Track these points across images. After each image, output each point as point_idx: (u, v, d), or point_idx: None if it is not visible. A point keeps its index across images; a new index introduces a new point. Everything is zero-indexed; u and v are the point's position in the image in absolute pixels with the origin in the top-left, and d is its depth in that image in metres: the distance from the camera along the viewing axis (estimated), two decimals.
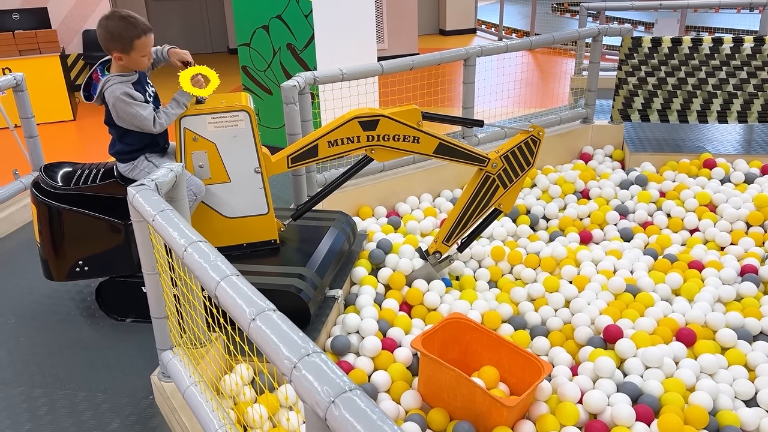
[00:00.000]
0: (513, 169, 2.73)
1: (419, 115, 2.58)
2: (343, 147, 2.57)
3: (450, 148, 2.64)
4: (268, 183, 2.59)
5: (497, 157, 2.69)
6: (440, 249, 2.91)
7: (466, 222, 2.81)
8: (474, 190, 2.75)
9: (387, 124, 2.54)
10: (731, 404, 2.28)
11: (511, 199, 2.82)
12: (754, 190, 3.71)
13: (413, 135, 2.58)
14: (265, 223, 2.63)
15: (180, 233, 1.59)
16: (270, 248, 2.67)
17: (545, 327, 2.76)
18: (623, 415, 2.13)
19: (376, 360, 2.45)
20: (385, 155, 2.63)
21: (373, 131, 2.55)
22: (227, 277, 1.38)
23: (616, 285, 2.89)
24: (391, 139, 2.57)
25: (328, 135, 2.54)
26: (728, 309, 2.80)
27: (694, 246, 3.34)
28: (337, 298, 2.68)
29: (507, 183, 2.75)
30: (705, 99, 4.25)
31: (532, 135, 2.71)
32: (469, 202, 2.76)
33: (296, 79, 3.11)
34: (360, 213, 3.63)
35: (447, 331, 2.37)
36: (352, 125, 2.53)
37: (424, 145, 2.61)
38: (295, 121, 3.12)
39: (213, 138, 2.48)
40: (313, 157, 2.58)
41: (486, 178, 2.73)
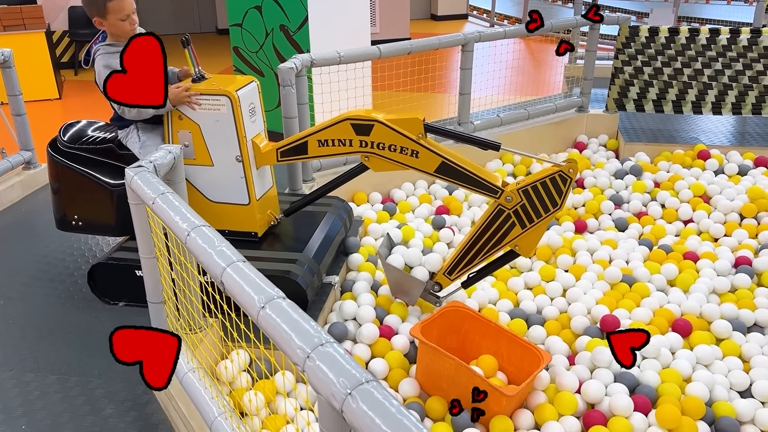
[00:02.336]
0: (534, 207, 2.23)
1: (421, 126, 2.24)
2: (334, 149, 2.39)
3: (455, 171, 2.26)
4: (252, 173, 2.48)
5: (515, 190, 2.22)
6: (441, 281, 2.50)
7: (473, 257, 2.38)
8: (484, 223, 2.31)
9: (382, 131, 2.27)
10: (726, 395, 2.29)
11: (532, 241, 2.31)
12: (748, 181, 3.72)
13: (412, 148, 2.27)
14: (246, 214, 2.54)
15: (182, 217, 1.55)
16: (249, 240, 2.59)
17: (541, 316, 2.75)
18: (621, 406, 2.13)
19: (374, 347, 2.43)
20: (380, 165, 2.36)
21: (366, 136, 2.32)
22: (234, 263, 1.34)
23: (612, 275, 2.89)
24: (387, 149, 2.30)
25: (318, 133, 2.39)
26: (723, 300, 2.81)
27: (688, 237, 3.35)
28: (334, 285, 2.65)
29: (526, 222, 2.26)
30: (700, 90, 4.26)
31: (561, 171, 2.15)
32: (478, 235, 2.33)
33: (293, 61, 3.05)
34: (355, 199, 3.60)
35: (446, 319, 2.35)
36: (343, 126, 2.34)
37: (424, 161, 2.27)
38: (291, 103, 3.07)
39: (197, 119, 2.42)
40: (302, 154, 2.45)
41: (499, 211, 2.27)
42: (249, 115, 2.46)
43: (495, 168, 4.00)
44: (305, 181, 3.35)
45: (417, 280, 2.50)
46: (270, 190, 2.66)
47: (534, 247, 2.32)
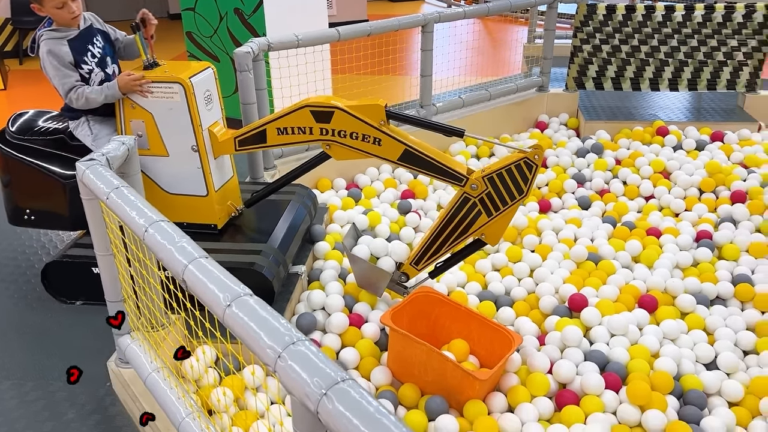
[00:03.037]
0: (500, 195, 2.17)
1: (382, 112, 2.18)
2: (294, 137, 2.32)
3: (419, 158, 2.21)
4: (209, 164, 2.39)
5: (480, 178, 2.16)
6: (408, 271, 2.41)
7: (439, 247, 2.32)
8: (450, 212, 2.25)
9: (342, 118, 2.21)
10: (693, 368, 2.33)
11: (498, 230, 2.26)
12: (706, 156, 3.78)
13: (374, 136, 2.21)
14: (205, 206, 2.46)
15: (139, 212, 1.48)
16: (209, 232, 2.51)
17: (510, 297, 2.75)
18: (592, 384, 2.14)
19: (344, 336, 2.39)
20: (342, 153, 2.30)
21: (326, 124, 2.24)
22: (196, 259, 1.28)
23: (578, 253, 2.91)
24: (348, 137, 2.24)
25: (277, 121, 2.30)
26: (686, 275, 2.85)
27: (650, 213, 3.39)
28: (301, 275, 2.59)
29: (492, 210, 2.20)
30: (657, 67, 4.30)
31: (527, 158, 2.10)
32: (444, 224, 2.27)
33: (249, 45, 2.96)
34: (319, 185, 3.53)
35: (415, 305, 2.32)
36: (303, 114, 2.25)
37: (386, 148, 2.21)
38: (249, 89, 2.98)
39: (150, 108, 2.33)
40: (261, 143, 2.37)
41: (465, 200, 2.21)
42: (204, 103, 2.37)
43: (458, 150, 3.97)
44: (266, 169, 3.27)
45: (383, 272, 2.44)
46: (230, 181, 2.58)
47: (500, 236, 2.28)
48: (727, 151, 3.82)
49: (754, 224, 3.13)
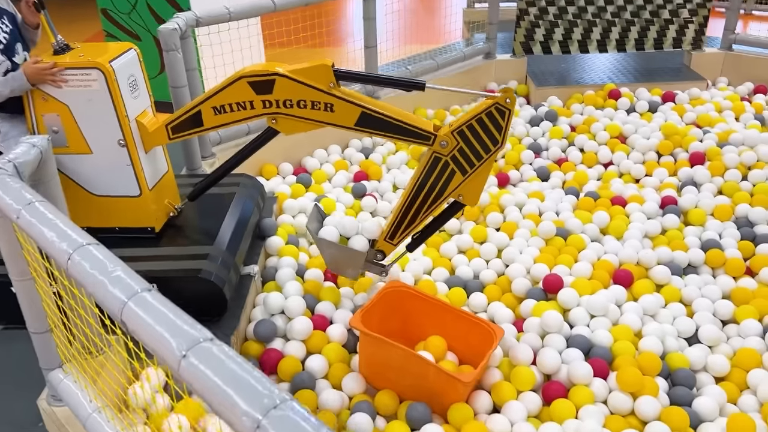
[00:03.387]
0: (473, 149, 1.95)
1: (330, 73, 1.92)
2: (234, 115, 2.04)
3: (379, 120, 1.96)
4: (140, 159, 2.10)
5: (449, 134, 1.93)
6: (383, 247, 2.19)
7: (414, 216, 2.09)
8: (421, 176, 2.02)
9: (286, 85, 1.95)
10: (677, 344, 2.23)
11: (476, 188, 2.05)
12: (660, 118, 3.70)
13: (324, 101, 1.96)
14: (138, 207, 2.17)
15: (60, 234, 1.20)
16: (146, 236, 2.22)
17: (479, 281, 2.59)
18: (580, 374, 2.01)
19: (308, 342, 2.17)
20: (291, 126, 2.04)
21: (268, 95, 1.97)
22: (137, 294, 1.02)
23: (546, 229, 2.76)
24: (295, 106, 1.98)
25: (211, 99, 2.02)
26: (655, 244, 2.76)
27: (610, 180, 3.29)
28: (254, 276, 2.34)
29: (466, 168, 1.98)
30: (604, 28, 4.18)
31: (498, 104, 1.88)
32: (416, 190, 2.04)
33: (175, 21, 2.63)
34: (263, 172, 3.25)
35: (386, 302, 2.12)
36: (240, 87, 1.97)
37: (340, 114, 1.97)
38: (178, 70, 2.67)
39: (65, 99, 2.01)
40: (197, 127, 2.09)
41: (435, 159, 1.99)
42: (130, 90, 2.06)
43: None
44: (204, 157, 2.97)
45: (356, 252, 2.18)
46: (165, 176, 2.28)
47: (479, 194, 2.06)
48: (679, 112, 3.75)
49: (716, 186, 3.07)
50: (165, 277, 2.03)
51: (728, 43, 4.27)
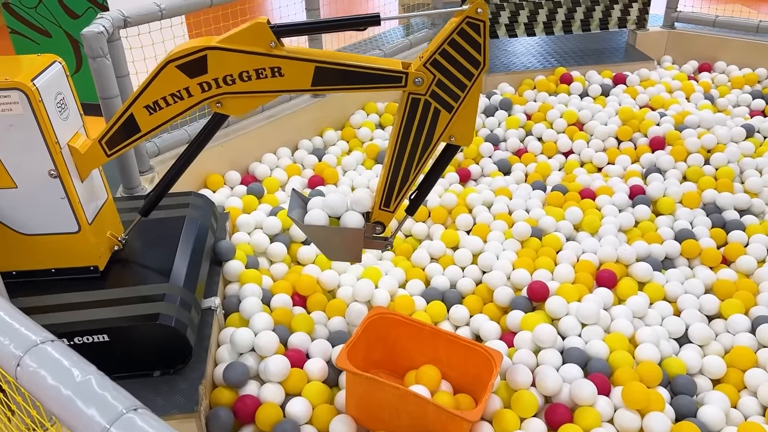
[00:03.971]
0: (453, 78, 1.69)
1: (268, 32, 1.64)
2: (172, 109, 1.74)
3: (339, 72, 1.69)
4: (76, 189, 1.80)
5: (421, 67, 1.67)
6: (380, 218, 1.91)
7: (406, 173, 1.83)
8: (402, 125, 1.76)
9: (220, 58, 1.67)
10: (670, 348, 2.15)
11: (467, 125, 1.78)
12: (613, 101, 3.64)
13: (270, 66, 1.68)
14: (78, 245, 1.87)
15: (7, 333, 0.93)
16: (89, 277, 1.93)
17: (457, 291, 2.43)
18: (585, 394, 1.88)
19: (286, 383, 1.94)
20: (239, 105, 1.76)
21: (204, 75, 1.68)
22: (36, 346, 0.79)
23: (521, 230, 2.62)
24: (238, 81, 1.69)
25: (142, 96, 1.72)
26: (630, 237, 2.68)
27: (573, 170, 3.19)
28: (215, 309, 2.09)
29: (451, 102, 1.72)
30: (550, 9, 4.07)
31: (468, 17, 1.61)
32: (400, 143, 1.78)
33: (101, 22, 2.30)
34: (208, 183, 2.96)
35: (370, 331, 1.93)
36: (169, 74, 1.68)
37: (292, 76, 1.69)
38: (108, 79, 2.34)
39: None
40: (135, 134, 1.79)
41: (414, 102, 1.72)
42: (58, 111, 1.75)
43: (360, 120, 3.53)
44: (143, 172, 2.65)
45: (352, 230, 1.90)
46: (106, 204, 1.98)
47: (473, 131, 1.80)
48: (632, 94, 3.70)
49: (680, 171, 3.02)
50: (119, 326, 1.75)
51: (670, 21, 4.25)
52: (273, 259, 2.51)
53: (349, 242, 1.93)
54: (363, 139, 3.41)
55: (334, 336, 2.15)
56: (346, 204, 1.92)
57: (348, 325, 2.23)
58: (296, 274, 2.40)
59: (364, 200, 1.90)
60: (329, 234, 1.94)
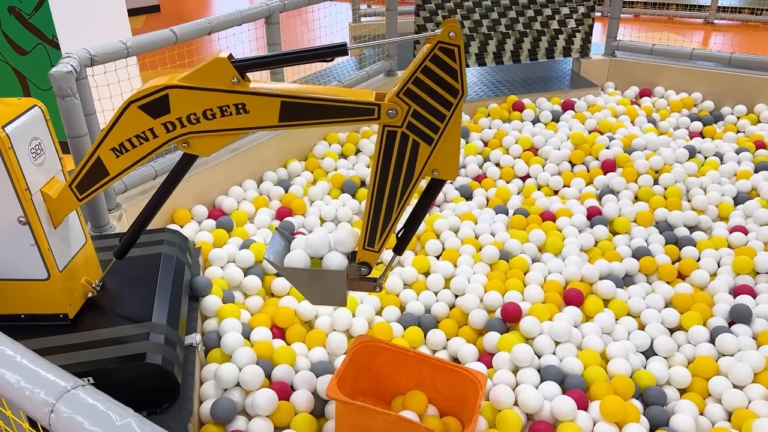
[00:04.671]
0: (430, 108, 1.61)
1: (229, 67, 1.58)
2: (138, 151, 1.70)
3: (306, 107, 1.62)
4: (47, 236, 1.76)
5: (394, 97, 1.58)
6: (365, 258, 1.81)
7: (388, 210, 1.73)
8: (379, 160, 1.67)
9: (182, 97, 1.62)
10: (639, 362, 2.26)
11: (450, 157, 1.69)
12: (564, 127, 3.81)
13: (233, 102, 1.62)
14: (47, 292, 1.82)
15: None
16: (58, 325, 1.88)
17: (432, 315, 2.49)
18: (565, 410, 1.95)
19: (274, 417, 1.95)
20: (206, 145, 1.71)
21: (167, 115, 1.65)
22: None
23: (489, 254, 2.71)
24: (202, 119, 1.64)
25: (107, 139, 1.69)
26: (591, 256, 2.80)
27: (531, 194, 3.32)
28: (197, 346, 2.07)
29: (430, 135, 1.63)
30: (499, 40, 4.25)
31: (441, 43, 1.54)
32: (379, 179, 1.69)
33: (68, 61, 2.28)
34: (175, 218, 2.93)
35: (356, 360, 1.96)
36: (132, 115, 1.65)
37: (258, 112, 1.62)
38: (77, 118, 2.32)
39: None
40: (104, 177, 1.76)
41: (390, 135, 1.63)
42: (31, 158, 1.72)
43: (322, 151, 3.58)
44: (111, 210, 2.62)
45: (334, 273, 1.82)
46: (83, 250, 1.94)
47: (457, 163, 1.72)
48: (581, 119, 3.88)
49: (632, 192, 3.18)
50: (102, 368, 1.73)
51: (611, 50, 4.50)
52: (248, 292, 2.51)
53: (332, 285, 1.85)
54: (327, 169, 3.46)
55: (316, 367, 2.17)
56: (329, 244, 1.85)
57: (329, 355, 2.25)
58: (273, 307, 2.41)
59: (347, 240, 1.84)
60: (310, 277, 1.85)
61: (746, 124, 3.87)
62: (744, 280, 2.60)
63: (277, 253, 1.88)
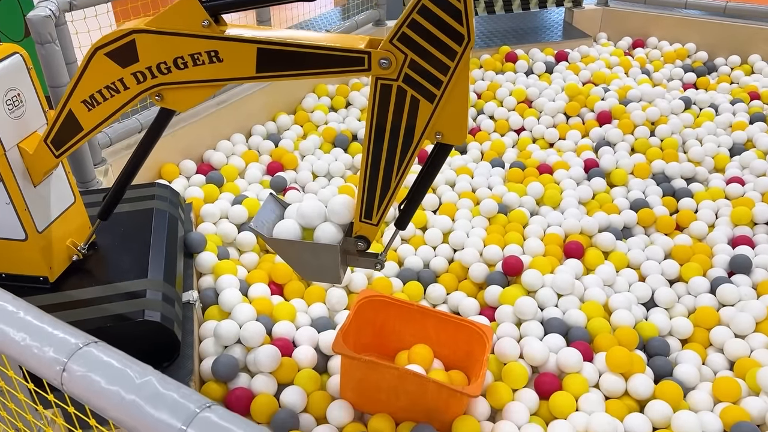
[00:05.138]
0: (430, 58, 1.33)
1: (199, 8, 1.39)
2: (110, 104, 1.55)
3: (284, 55, 1.40)
4: (24, 194, 1.66)
5: (388, 43, 1.33)
6: (363, 231, 1.59)
7: (386, 178, 1.48)
8: (374, 120, 1.42)
9: (149, 43, 1.45)
10: (641, 313, 2.25)
11: (458, 116, 1.41)
12: (558, 78, 3.73)
13: (205, 49, 1.43)
14: (25, 253, 1.73)
15: None
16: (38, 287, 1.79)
17: (431, 270, 2.45)
18: (572, 362, 1.94)
19: (278, 374, 1.90)
20: (182, 98, 1.54)
21: (136, 64, 1.48)
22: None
23: (488, 208, 2.66)
24: (174, 68, 1.47)
25: (76, 91, 1.55)
26: (589, 209, 2.77)
27: (526, 147, 3.26)
28: (194, 303, 2.01)
29: (431, 89, 1.36)
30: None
31: None
32: (374, 141, 1.45)
33: (46, 6, 2.15)
34: (163, 174, 2.83)
35: (360, 315, 1.91)
36: (100, 63, 1.49)
37: (232, 61, 1.43)
38: (57, 66, 2.20)
39: None
40: (78, 132, 1.62)
41: (384, 90, 1.38)
42: (7, 110, 1.61)
43: (312, 104, 3.47)
44: (96, 165, 2.51)
45: (326, 247, 1.60)
46: (70, 210, 1.83)
47: (465, 125, 1.44)
48: (574, 71, 3.81)
49: (628, 144, 3.14)
50: (99, 327, 1.66)
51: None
52: (243, 248, 2.44)
53: (325, 260, 1.63)
54: (317, 123, 3.36)
55: (317, 322, 2.12)
56: (323, 213, 1.64)
57: (329, 311, 2.21)
58: (270, 263, 2.35)
59: (341, 210, 1.61)
60: (300, 250, 1.64)
61: (740, 75, 3.83)
62: (742, 231, 2.59)
63: (266, 223, 1.68)
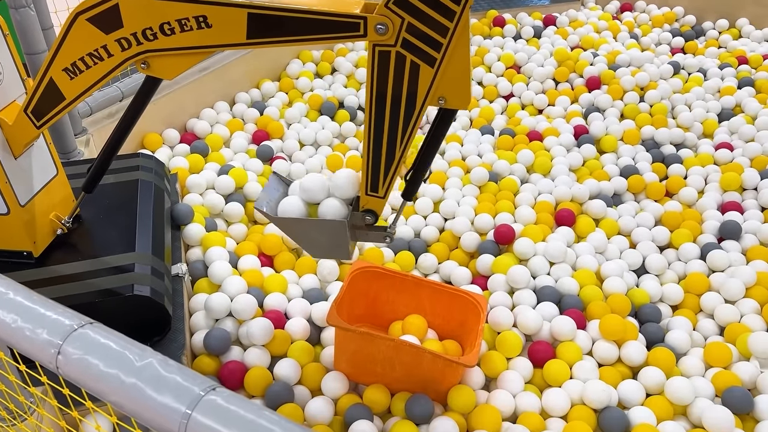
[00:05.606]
0: (429, 20, 1.28)
1: None
2: (93, 72, 1.49)
3: (276, 21, 1.35)
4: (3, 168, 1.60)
5: (382, 7, 1.28)
6: (370, 205, 1.54)
7: (390, 148, 1.44)
8: (374, 87, 1.38)
9: (134, 6, 1.39)
10: (633, 279, 2.26)
11: (461, 81, 1.36)
12: (547, 43, 3.68)
13: (192, 14, 1.37)
14: (7, 227, 1.68)
15: None
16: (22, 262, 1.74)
17: (422, 239, 2.43)
18: (565, 330, 1.94)
19: (271, 346, 1.88)
20: (169, 65, 1.47)
21: (120, 30, 1.42)
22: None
23: (478, 176, 2.64)
24: (160, 34, 1.41)
25: (57, 58, 1.49)
26: (579, 176, 2.75)
27: (515, 113, 3.23)
28: (183, 276, 1.98)
29: (431, 53, 1.32)
30: None
31: None
32: (376, 110, 1.40)
33: None
34: (146, 143, 2.75)
35: (354, 286, 1.89)
36: (81, 29, 1.44)
37: (221, 27, 1.37)
38: (33, 32, 2.11)
39: None
40: (60, 102, 1.56)
41: (383, 56, 1.34)
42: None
43: (297, 70, 3.39)
44: (77, 134, 2.44)
45: (332, 223, 1.56)
46: (52, 182, 1.78)
47: (469, 88, 1.39)
48: (563, 35, 3.76)
49: (618, 110, 3.12)
50: (89, 302, 1.62)
51: None
52: (230, 219, 2.40)
53: (334, 236, 1.59)
54: (302, 90, 3.29)
55: (309, 294, 2.10)
56: (326, 186, 1.59)
57: (321, 282, 2.18)
58: (259, 235, 2.31)
59: (347, 185, 1.57)
60: (307, 227, 1.60)
61: (728, 39, 3.80)
62: (731, 196, 2.60)
63: (270, 202, 1.63)
